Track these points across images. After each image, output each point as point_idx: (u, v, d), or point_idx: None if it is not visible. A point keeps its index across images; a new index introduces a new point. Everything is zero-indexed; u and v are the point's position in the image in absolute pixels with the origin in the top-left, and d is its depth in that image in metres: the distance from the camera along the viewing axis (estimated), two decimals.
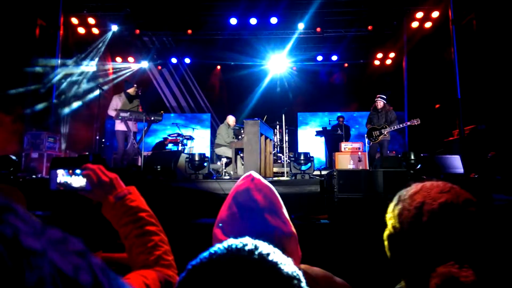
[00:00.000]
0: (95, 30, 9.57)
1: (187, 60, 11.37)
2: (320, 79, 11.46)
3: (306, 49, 11.00)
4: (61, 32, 8.72)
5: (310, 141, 11.01)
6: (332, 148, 8.99)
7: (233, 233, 0.99)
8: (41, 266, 0.30)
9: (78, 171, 1.09)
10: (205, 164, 5.92)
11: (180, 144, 8.55)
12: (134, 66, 11.11)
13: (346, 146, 8.09)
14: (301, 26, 9.66)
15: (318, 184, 4.84)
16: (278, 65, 11.17)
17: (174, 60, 11.37)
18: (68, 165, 1.14)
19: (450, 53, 8.23)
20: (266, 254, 0.53)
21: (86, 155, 7.85)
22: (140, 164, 6.40)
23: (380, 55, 10.95)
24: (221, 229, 1.00)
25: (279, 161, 8.25)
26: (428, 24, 9.15)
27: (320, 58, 11.05)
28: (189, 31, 9.92)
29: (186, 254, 0.67)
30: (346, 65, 11.35)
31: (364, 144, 7.88)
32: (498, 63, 6.68)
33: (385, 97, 6.98)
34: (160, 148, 8.95)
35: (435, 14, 8.91)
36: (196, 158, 5.88)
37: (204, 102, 11.87)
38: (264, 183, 1.05)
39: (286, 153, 7.51)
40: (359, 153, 7.54)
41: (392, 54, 10.80)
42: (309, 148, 10.36)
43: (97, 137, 8.21)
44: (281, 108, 7.94)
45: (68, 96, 8.81)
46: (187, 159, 5.96)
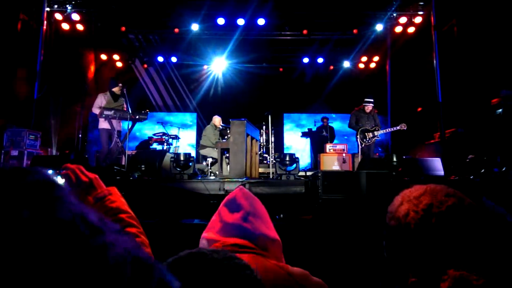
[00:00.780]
0: (80, 27, 9.38)
1: (174, 59, 11.27)
2: (306, 81, 11.56)
3: (292, 51, 11.08)
4: (44, 28, 8.53)
5: (296, 142, 11.09)
6: (317, 149, 9.09)
7: (219, 233, 1.02)
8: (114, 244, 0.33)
9: (57, 171, 1.08)
10: (191, 164, 5.89)
11: (166, 144, 8.48)
12: (120, 64, 10.95)
13: (331, 148, 8.20)
14: (288, 28, 9.74)
15: (303, 185, 4.89)
16: (264, 66, 11.21)
17: (161, 59, 11.26)
18: (49, 164, 1.13)
19: (432, 58, 8.45)
20: (222, 252, 0.57)
21: (68, 154, 7.71)
22: (124, 164, 6.32)
23: (365, 59, 11.14)
24: (208, 232, 1.04)
25: (265, 162, 8.28)
26: (411, 29, 9.36)
27: (306, 60, 11.16)
28: (176, 30, 9.85)
29: (171, 255, 0.68)
30: (332, 68, 11.49)
31: (355, 146, 7.99)
32: (478, 69, 6.89)
33: (373, 101, 7.14)
34: (145, 147, 8.86)
35: (418, 20, 9.12)
36: (182, 158, 5.84)
37: (191, 101, 11.80)
38: (252, 194, 1.12)
39: (272, 154, 7.55)
40: (344, 155, 7.65)
41: (376, 58, 11.01)
42: (295, 149, 10.44)
43: (80, 135, 8.05)
44: (267, 109, 7.98)
45: (50, 93, 8.61)
46: (172, 159, 5.92)
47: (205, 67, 11.58)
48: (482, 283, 0.75)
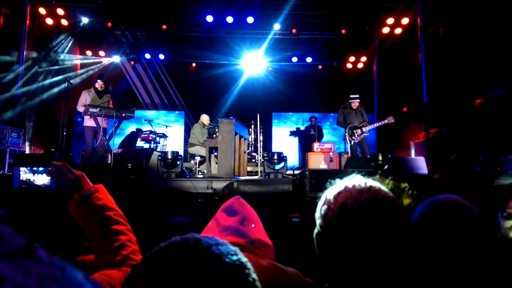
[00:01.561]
0: (64, 22, 9.17)
1: (161, 56, 11.15)
2: (295, 80, 11.61)
3: (282, 50, 11.10)
4: (28, 23, 8.30)
5: (284, 141, 11.12)
6: (305, 148, 9.14)
7: (216, 235, 1.04)
8: None
9: (41, 169, 1.06)
10: (178, 163, 5.84)
11: (153, 142, 8.39)
12: (105, 61, 10.76)
13: (319, 147, 8.28)
14: (277, 27, 9.74)
15: (291, 183, 4.90)
16: (254, 65, 11.19)
17: (148, 56, 11.13)
18: (33, 162, 1.11)
19: (418, 59, 8.59)
20: (208, 246, 0.53)
21: (52, 152, 7.54)
22: (110, 162, 6.22)
23: (353, 59, 11.25)
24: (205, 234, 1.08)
25: (253, 161, 8.29)
26: (398, 30, 9.49)
27: (295, 60, 11.19)
28: (164, 27, 9.74)
29: None
30: (320, 67, 11.57)
31: (345, 144, 8.05)
32: (462, 70, 7.04)
33: (359, 96, 7.21)
34: (129, 144, 8.74)
35: (405, 21, 9.25)
36: (169, 156, 5.79)
37: (179, 100, 11.70)
38: (247, 203, 1.17)
39: (260, 153, 7.55)
40: (331, 154, 7.71)
41: (364, 58, 11.13)
42: (283, 148, 10.47)
43: (64, 133, 7.89)
44: (256, 108, 7.97)
45: (34, 89, 8.40)
46: (160, 157, 5.86)
47: (194, 65, 11.50)
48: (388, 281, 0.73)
